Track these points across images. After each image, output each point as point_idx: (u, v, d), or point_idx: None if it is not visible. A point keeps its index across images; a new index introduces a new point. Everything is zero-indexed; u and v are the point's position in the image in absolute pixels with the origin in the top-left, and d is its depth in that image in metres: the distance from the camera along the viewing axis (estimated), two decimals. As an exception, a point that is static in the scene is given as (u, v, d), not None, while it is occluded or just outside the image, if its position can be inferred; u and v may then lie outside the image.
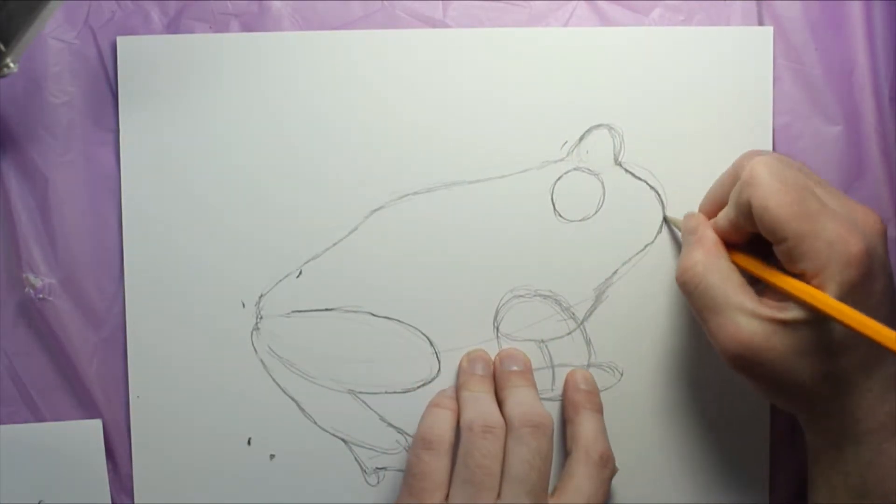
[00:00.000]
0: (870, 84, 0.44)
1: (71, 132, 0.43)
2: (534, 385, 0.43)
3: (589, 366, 0.44)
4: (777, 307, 0.37)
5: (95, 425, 0.44)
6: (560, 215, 0.44)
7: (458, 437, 0.41)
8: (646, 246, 0.44)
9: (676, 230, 0.44)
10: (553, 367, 0.44)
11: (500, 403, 0.42)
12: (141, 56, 0.43)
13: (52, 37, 0.43)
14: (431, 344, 0.44)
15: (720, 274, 0.38)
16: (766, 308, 0.37)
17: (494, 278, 0.44)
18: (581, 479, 0.41)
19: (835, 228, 0.36)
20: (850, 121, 0.44)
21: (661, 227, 0.44)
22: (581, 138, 0.44)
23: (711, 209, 0.41)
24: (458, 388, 0.44)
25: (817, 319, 0.36)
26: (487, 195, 0.44)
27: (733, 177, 0.39)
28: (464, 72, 0.44)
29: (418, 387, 0.44)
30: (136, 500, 0.44)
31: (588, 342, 0.44)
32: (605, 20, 0.44)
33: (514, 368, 0.43)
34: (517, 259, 0.44)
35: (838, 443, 0.38)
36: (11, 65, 0.37)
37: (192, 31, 0.44)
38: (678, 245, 0.44)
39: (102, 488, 0.44)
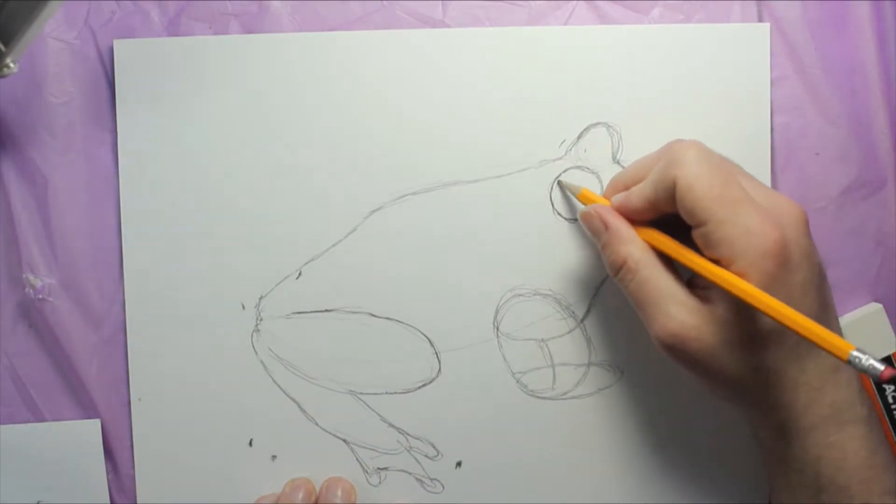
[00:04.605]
0: (879, 84, 0.44)
1: (70, 132, 0.43)
2: None
3: (589, 364, 0.44)
4: (704, 297, 0.36)
5: (94, 425, 0.44)
6: (559, 214, 0.44)
7: None
8: (646, 244, 0.44)
9: (570, 194, 0.43)
10: (553, 365, 0.44)
11: None
12: (138, 58, 0.43)
13: (52, 37, 0.43)
14: (431, 344, 0.44)
15: (654, 265, 0.38)
16: (695, 298, 0.36)
17: (494, 278, 0.44)
18: None
19: (754, 218, 0.35)
20: (851, 120, 0.44)
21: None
22: (579, 136, 0.44)
23: (623, 188, 0.41)
24: None
25: (744, 310, 0.35)
26: (486, 195, 0.44)
27: (657, 160, 0.39)
28: (463, 72, 0.43)
29: (419, 387, 0.44)
30: (138, 501, 0.44)
31: (588, 340, 0.44)
32: (604, 19, 0.44)
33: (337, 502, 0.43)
34: (517, 258, 0.44)
35: (784, 439, 0.37)
36: (11, 65, 0.37)
37: (191, 31, 0.44)
38: None
39: (101, 489, 0.44)
